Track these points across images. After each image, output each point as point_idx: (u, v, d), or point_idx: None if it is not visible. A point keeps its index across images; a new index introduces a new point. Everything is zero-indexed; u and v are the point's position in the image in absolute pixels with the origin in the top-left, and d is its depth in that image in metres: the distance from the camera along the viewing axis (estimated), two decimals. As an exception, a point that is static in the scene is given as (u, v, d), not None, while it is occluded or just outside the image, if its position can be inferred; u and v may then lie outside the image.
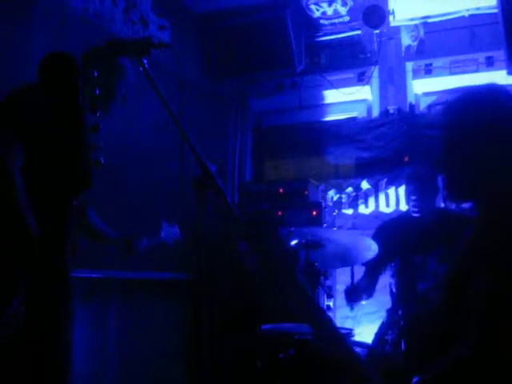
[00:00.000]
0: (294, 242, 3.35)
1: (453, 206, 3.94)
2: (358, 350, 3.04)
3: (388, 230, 3.85)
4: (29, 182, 1.37)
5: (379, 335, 3.18)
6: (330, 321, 1.89)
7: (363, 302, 3.78)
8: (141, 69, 1.95)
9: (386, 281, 3.96)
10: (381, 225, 4.08)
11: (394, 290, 3.57)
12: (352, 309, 3.75)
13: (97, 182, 1.25)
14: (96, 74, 1.27)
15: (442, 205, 4.19)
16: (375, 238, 3.71)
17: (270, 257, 1.78)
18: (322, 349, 2.79)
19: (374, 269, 3.70)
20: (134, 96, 3.83)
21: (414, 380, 1.64)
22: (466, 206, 2.92)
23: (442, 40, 5.22)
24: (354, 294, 3.70)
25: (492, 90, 1.83)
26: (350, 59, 5.58)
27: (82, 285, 3.61)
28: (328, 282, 4.71)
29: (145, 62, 1.96)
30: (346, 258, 3.63)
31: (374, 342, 3.16)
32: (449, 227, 3.18)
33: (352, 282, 3.75)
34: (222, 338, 4.71)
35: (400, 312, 3.02)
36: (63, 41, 3.58)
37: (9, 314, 1.58)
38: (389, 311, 3.48)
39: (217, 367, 4.71)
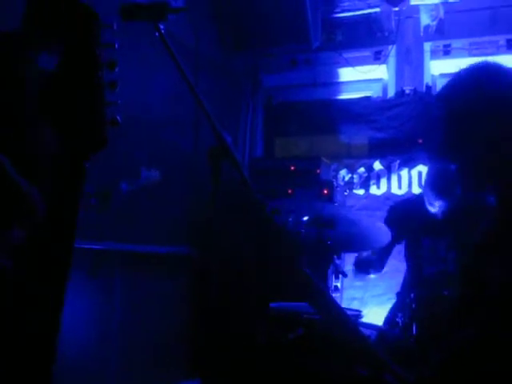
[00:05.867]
0: (305, 218, 3.30)
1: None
2: (367, 332, 3.01)
3: (399, 210, 3.82)
4: (36, 140, 1.28)
5: (390, 318, 3.15)
6: (336, 305, 1.84)
7: (371, 276, 3.76)
8: (156, 34, 1.87)
9: (395, 264, 3.93)
10: (392, 206, 4.05)
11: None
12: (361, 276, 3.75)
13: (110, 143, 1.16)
14: (115, 27, 1.17)
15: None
16: (387, 220, 3.68)
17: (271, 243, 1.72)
18: (329, 329, 2.75)
19: (384, 247, 3.67)
20: (147, 64, 3.77)
21: (431, 359, 1.61)
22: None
23: (462, 20, 5.11)
24: (363, 266, 3.69)
25: (489, 67, 1.76)
26: (366, 37, 5.47)
27: (86, 257, 3.58)
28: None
29: (161, 27, 1.89)
30: (360, 241, 3.55)
31: (384, 324, 3.14)
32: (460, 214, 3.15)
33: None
34: (228, 313, 4.68)
35: (412, 295, 2.98)
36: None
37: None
38: (398, 294, 3.44)
39: (222, 342, 4.69)
